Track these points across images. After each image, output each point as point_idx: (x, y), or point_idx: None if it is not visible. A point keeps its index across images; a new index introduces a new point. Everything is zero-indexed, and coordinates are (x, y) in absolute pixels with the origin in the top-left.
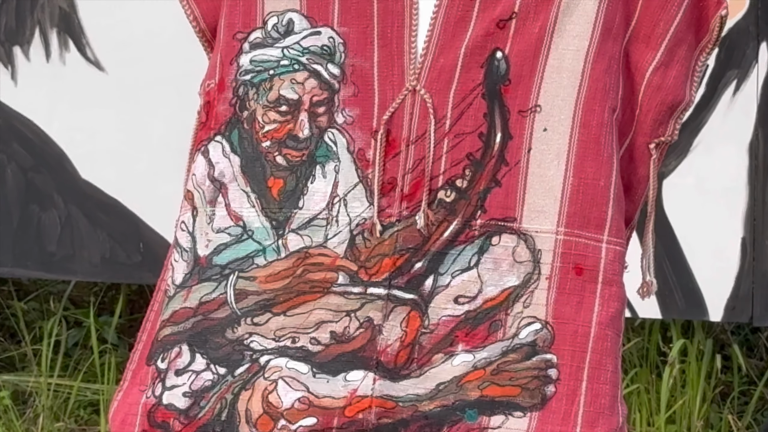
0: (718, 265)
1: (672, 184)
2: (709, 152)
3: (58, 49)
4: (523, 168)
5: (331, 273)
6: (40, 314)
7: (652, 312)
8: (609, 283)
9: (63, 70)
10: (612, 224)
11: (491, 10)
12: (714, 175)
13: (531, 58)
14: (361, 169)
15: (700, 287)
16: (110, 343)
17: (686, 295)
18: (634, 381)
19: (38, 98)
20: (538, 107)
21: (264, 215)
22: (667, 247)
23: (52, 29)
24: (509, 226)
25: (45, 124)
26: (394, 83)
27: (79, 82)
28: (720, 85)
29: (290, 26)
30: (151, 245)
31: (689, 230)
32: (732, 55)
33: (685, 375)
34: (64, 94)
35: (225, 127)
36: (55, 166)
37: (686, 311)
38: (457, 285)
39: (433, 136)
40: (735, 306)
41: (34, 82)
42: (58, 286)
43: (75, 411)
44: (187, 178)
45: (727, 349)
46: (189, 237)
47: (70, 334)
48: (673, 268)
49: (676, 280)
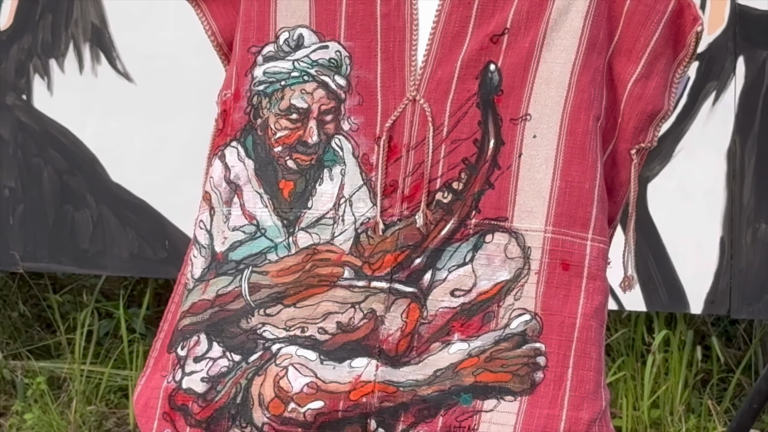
0: (699, 262)
1: (656, 187)
2: (691, 158)
3: (90, 62)
4: (515, 171)
5: (337, 268)
6: (73, 306)
7: (638, 305)
8: (593, 278)
9: (95, 81)
10: (596, 223)
11: (485, 26)
12: (695, 179)
13: (522, 70)
14: (365, 173)
15: (682, 282)
16: (138, 332)
17: (669, 289)
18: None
19: (72, 107)
20: (528, 116)
21: (276, 215)
22: (652, 246)
23: (85, 43)
24: (501, 225)
25: (78, 131)
26: (395, 93)
27: (110, 92)
28: (700, 96)
29: (300, 41)
30: (176, 242)
31: (672, 230)
32: (712, 68)
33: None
34: (96, 104)
35: (240, 134)
36: (88, 170)
37: (669, 304)
38: (453, 279)
39: (432, 142)
40: (714, 300)
41: (68, 92)
42: (91, 280)
43: (106, 395)
44: (205, 181)
45: (707, 340)
46: (207, 235)
47: (102, 325)
48: (657, 265)
49: (659, 276)
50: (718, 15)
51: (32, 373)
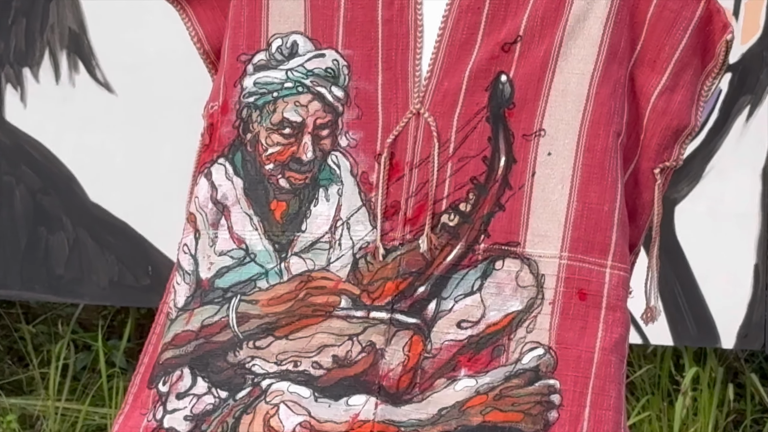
0: (731, 291)
1: (684, 210)
2: (722, 178)
3: (67, 71)
4: (527, 192)
5: (333, 297)
6: (48, 337)
7: (664, 339)
8: (613, 309)
9: (72, 92)
10: (616, 249)
11: (496, 34)
12: (727, 201)
13: (536, 81)
14: (364, 193)
15: (713, 314)
16: (118, 367)
17: (698, 322)
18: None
19: (47, 120)
20: (542, 131)
21: (266, 238)
22: (680, 274)
23: (61, 51)
24: (513, 251)
25: (54, 146)
26: (398, 106)
27: (89, 105)
28: (733, 111)
29: (294, 48)
30: (160, 268)
31: (701, 256)
32: (745, 80)
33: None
34: (74, 116)
35: (228, 150)
36: (64, 189)
37: (698, 338)
38: (460, 309)
39: (437, 160)
40: (748, 333)
41: (43, 103)
42: (67, 309)
43: None
44: (190, 201)
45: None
46: (191, 259)
47: (79, 358)
48: (685, 295)
49: (688, 307)
50: (754, 22)
51: (2, 411)
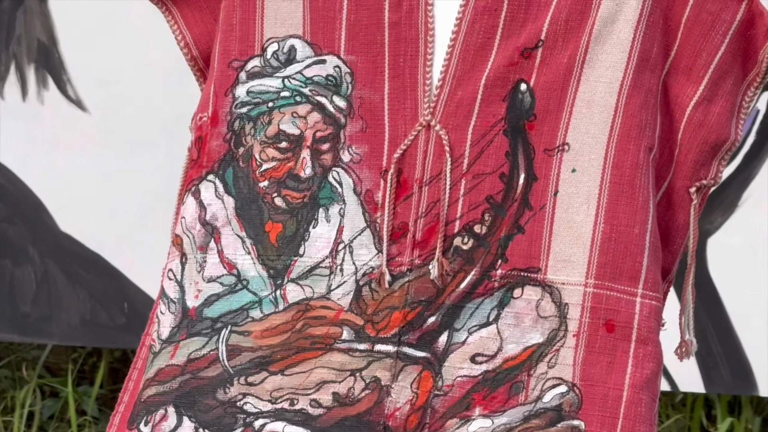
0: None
1: (718, 242)
2: (759, 207)
3: (35, 87)
4: (549, 213)
5: (334, 328)
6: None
7: (695, 385)
8: (644, 342)
9: (41, 109)
10: (647, 276)
11: (515, 38)
12: (764, 233)
13: (559, 90)
14: (368, 213)
15: (749, 358)
16: (90, 415)
17: (733, 367)
18: None
19: (13, 141)
20: (566, 145)
21: (260, 263)
22: (712, 313)
23: (29, 64)
24: (533, 277)
25: (20, 169)
26: (406, 118)
27: (59, 124)
28: None
29: (292, 54)
30: (137, 306)
31: (737, 294)
32: None
33: None
34: (42, 137)
35: (218, 165)
36: (31, 217)
37: (733, 385)
38: (474, 342)
39: (449, 177)
40: None
41: (8, 123)
42: (33, 351)
43: None
44: (176, 222)
45: None
46: (177, 286)
47: (46, 405)
48: (719, 337)
49: (721, 350)
50: None
51: None
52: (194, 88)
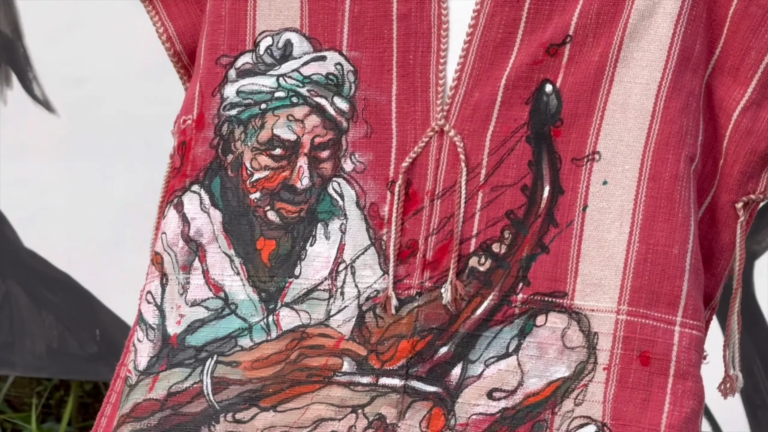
0: None
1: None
2: None
3: None
4: (577, 230)
5: (333, 358)
6: None
7: (740, 426)
8: (683, 377)
9: (4, 110)
10: (687, 302)
11: (540, 33)
12: None
13: (588, 92)
14: (373, 229)
15: None
16: None
17: None
18: None
19: None
20: (596, 154)
21: (251, 285)
22: (759, 345)
23: None
24: (558, 303)
25: None
26: (416, 122)
27: (24, 127)
28: None
29: (288, 49)
30: (110, 332)
31: None
32: None
33: None
34: (4, 141)
35: (204, 175)
36: None
37: None
38: (491, 376)
39: (465, 189)
40: None
41: None
42: None
43: None
44: (156, 238)
45: None
46: (156, 311)
47: None
48: (767, 372)
49: None
50: None
51: None
52: (177, 87)
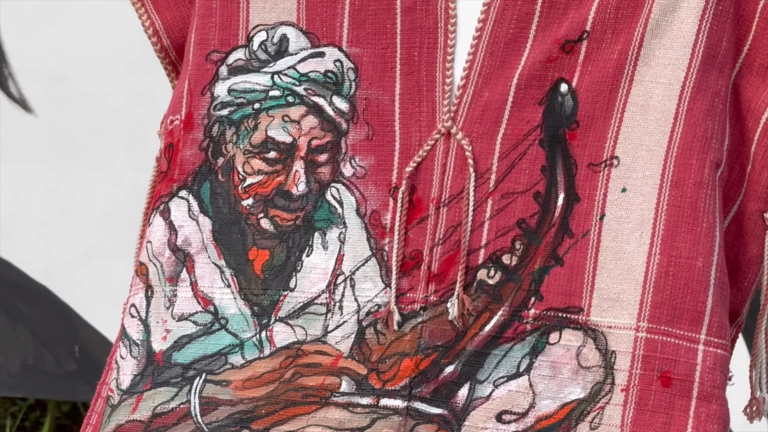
0: None
1: None
2: None
3: None
4: (594, 241)
5: (331, 378)
6: None
7: None
8: (707, 399)
9: None
10: (712, 319)
11: (554, 28)
12: None
13: (606, 92)
14: (374, 239)
15: None
16: None
17: None
18: None
19: None
20: (614, 159)
21: (242, 298)
22: None
23: None
24: (573, 319)
25: None
26: (421, 124)
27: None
28: None
29: (283, 45)
30: (90, 349)
31: None
32: None
33: None
34: None
35: (193, 179)
36: None
37: None
38: (501, 397)
39: (473, 196)
40: None
41: None
42: None
43: None
44: (140, 247)
45: None
46: (141, 326)
47: None
48: None
49: None
50: None
51: None
52: (164, 85)
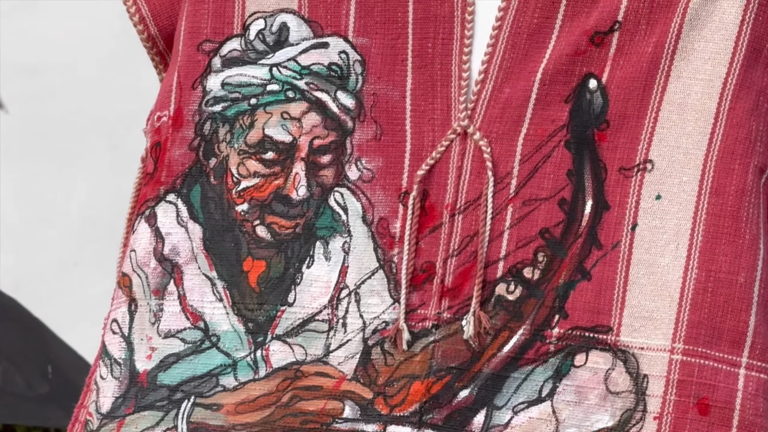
0: None
1: None
2: None
3: None
4: (625, 253)
5: (333, 402)
6: None
7: None
8: (748, 428)
9: None
10: (755, 341)
11: (583, 18)
12: None
13: (640, 89)
14: (382, 249)
15: None
16: None
17: None
18: None
19: None
20: (648, 163)
21: (236, 313)
22: None
23: None
24: (601, 339)
25: None
26: (435, 122)
27: None
28: None
29: (283, 34)
30: (65, 369)
31: None
32: None
33: None
34: None
35: (182, 182)
36: None
37: None
38: (521, 425)
39: (492, 203)
40: None
41: None
42: None
43: None
44: (124, 257)
45: None
46: (123, 343)
47: None
48: None
49: None
50: None
51: None
52: (151, 78)
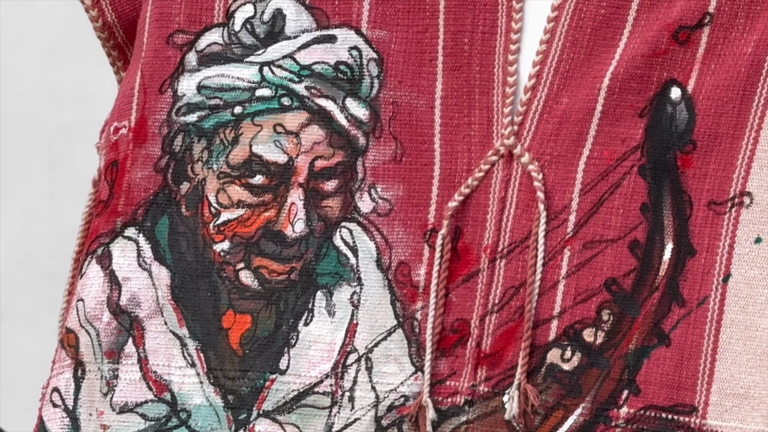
0: None
1: None
2: None
3: None
4: (714, 312)
5: None
6: None
7: None
8: None
9: None
10: None
11: (664, 9)
12: None
13: (736, 102)
14: (402, 303)
15: None
16: None
17: None
18: None
19: None
20: (746, 196)
21: (212, 383)
22: None
23: None
24: (683, 423)
25: None
26: (472, 141)
27: None
28: None
29: (278, 24)
30: None
31: None
32: None
33: None
34: None
35: (145, 212)
36: None
37: None
38: None
39: (543, 244)
40: None
41: None
42: None
43: None
44: (68, 308)
45: None
46: (67, 419)
47: None
48: None
49: None
50: None
51: None
52: (105, 79)
